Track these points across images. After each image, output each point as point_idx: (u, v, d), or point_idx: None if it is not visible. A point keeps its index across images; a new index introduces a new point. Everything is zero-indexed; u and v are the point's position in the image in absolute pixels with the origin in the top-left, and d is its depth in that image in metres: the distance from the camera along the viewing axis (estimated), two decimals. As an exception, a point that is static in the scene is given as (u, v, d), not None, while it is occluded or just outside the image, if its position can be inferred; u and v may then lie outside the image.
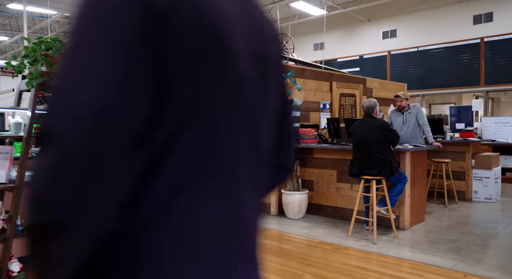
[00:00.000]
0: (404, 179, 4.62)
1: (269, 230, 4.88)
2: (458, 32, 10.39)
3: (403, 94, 5.68)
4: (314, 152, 5.71)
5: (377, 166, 4.33)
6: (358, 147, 4.50)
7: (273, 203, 5.70)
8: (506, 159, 8.77)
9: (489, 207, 6.16)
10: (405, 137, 5.69)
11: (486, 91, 10.11)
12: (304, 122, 6.12)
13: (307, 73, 6.18)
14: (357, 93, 7.25)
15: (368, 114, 4.51)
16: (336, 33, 13.10)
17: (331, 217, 5.53)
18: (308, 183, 5.79)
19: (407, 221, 4.86)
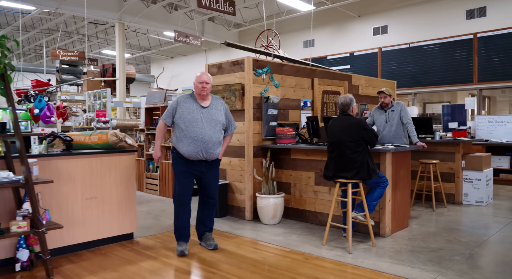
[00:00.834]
0: (384, 182, 4.24)
1: (240, 237, 4.51)
2: (450, 28, 10.02)
3: (387, 90, 5.31)
4: (291, 153, 5.34)
5: (352, 168, 3.96)
6: (332, 147, 4.13)
7: (247, 207, 5.33)
8: (500, 159, 8.42)
9: (480, 211, 5.79)
10: (388, 137, 5.33)
11: (479, 89, 9.74)
12: (282, 121, 5.75)
13: (286, 69, 5.81)
14: (342, 91, 6.88)
15: (343, 112, 4.14)
16: (326, 29, 12.72)
17: (309, 222, 5.16)
18: (285, 185, 5.42)
19: (388, 228, 4.49)
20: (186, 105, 3.84)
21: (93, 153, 4.15)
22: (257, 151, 5.39)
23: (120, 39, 12.16)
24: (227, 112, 4.01)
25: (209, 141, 3.78)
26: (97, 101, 9.87)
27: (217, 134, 3.84)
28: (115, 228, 4.30)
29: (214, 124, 3.84)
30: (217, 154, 3.90)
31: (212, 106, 3.89)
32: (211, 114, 3.84)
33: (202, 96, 3.87)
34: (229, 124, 4.03)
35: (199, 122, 3.78)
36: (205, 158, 3.84)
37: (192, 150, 3.77)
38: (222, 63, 5.69)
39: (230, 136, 4.11)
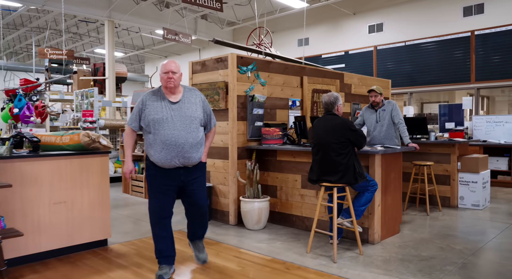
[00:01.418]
0: (373, 186, 3.98)
1: (221, 244, 4.25)
2: (447, 25, 9.75)
3: (377, 88, 5.05)
4: (277, 154, 5.08)
5: (337, 171, 3.70)
6: (317, 149, 3.87)
7: (231, 212, 5.07)
8: (498, 160, 8.15)
9: (476, 215, 5.53)
10: (379, 137, 5.07)
11: (477, 88, 9.48)
12: (269, 121, 5.49)
13: (274, 66, 5.54)
14: (333, 90, 6.61)
15: (328, 111, 3.87)
16: (320, 27, 12.46)
17: (295, 227, 4.90)
18: (271, 189, 5.16)
19: (378, 234, 4.23)
20: (152, 104, 3.18)
21: (62, 155, 3.89)
22: (241, 152, 5.13)
23: (110, 37, 11.89)
24: (205, 105, 3.35)
25: (185, 143, 3.13)
26: (85, 101, 9.62)
27: (194, 134, 3.19)
28: (87, 234, 4.04)
29: (189, 121, 3.16)
30: (197, 157, 3.26)
31: (184, 100, 3.22)
32: (183, 110, 3.17)
33: (170, 90, 3.20)
34: (208, 119, 3.38)
35: (169, 123, 3.11)
36: (183, 164, 3.20)
37: (165, 156, 3.13)
38: (205, 61, 5.43)
39: (212, 133, 3.47)
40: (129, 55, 19.61)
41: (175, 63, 3.22)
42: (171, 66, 3.16)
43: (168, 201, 3.28)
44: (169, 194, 3.26)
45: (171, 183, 3.25)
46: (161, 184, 3.24)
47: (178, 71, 3.19)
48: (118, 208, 6.15)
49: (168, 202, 3.28)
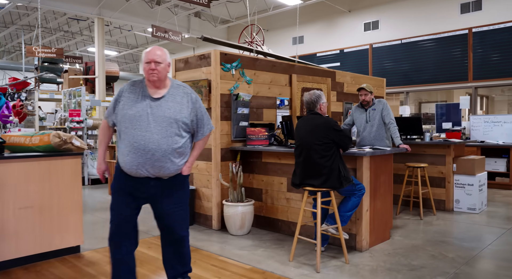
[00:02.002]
0: (360, 190, 3.74)
1: (200, 251, 4.01)
2: (444, 23, 9.49)
3: (367, 87, 4.80)
4: (262, 156, 4.84)
5: (321, 174, 3.45)
6: (299, 151, 3.62)
7: (214, 216, 4.83)
8: (496, 162, 7.91)
9: (472, 219, 5.29)
10: (368, 138, 4.83)
11: (474, 87, 9.23)
12: (255, 120, 5.25)
13: (260, 64, 5.30)
14: (324, 88, 6.37)
15: (310, 111, 3.63)
16: (315, 25, 12.21)
17: (281, 232, 4.66)
18: (256, 192, 4.92)
19: (366, 241, 3.98)
20: (129, 96, 2.60)
21: (29, 157, 3.65)
22: (225, 154, 4.89)
23: (100, 35, 11.65)
24: (197, 107, 2.68)
25: (157, 149, 2.51)
26: (72, 100, 9.39)
27: (170, 140, 2.54)
28: (57, 241, 3.80)
29: (167, 124, 2.54)
30: (174, 169, 2.59)
31: (168, 97, 2.59)
32: (162, 110, 2.55)
33: (153, 83, 2.59)
34: (200, 125, 2.71)
35: (143, 122, 2.52)
36: (153, 175, 2.57)
37: (130, 162, 2.54)
38: (188, 58, 5.19)
39: (203, 141, 2.79)
40: (123, 54, 19.37)
41: (161, 50, 2.60)
42: (154, 55, 2.55)
43: (126, 214, 2.65)
44: (129, 205, 2.64)
45: (138, 194, 2.63)
46: (122, 191, 2.64)
47: (164, 61, 2.57)
48: (100, 211, 5.91)
49: (126, 215, 2.65)
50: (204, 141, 2.80)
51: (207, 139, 2.84)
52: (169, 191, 2.65)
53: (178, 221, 2.69)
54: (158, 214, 2.70)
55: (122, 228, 2.65)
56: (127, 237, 2.67)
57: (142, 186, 2.61)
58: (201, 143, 2.79)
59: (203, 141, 2.80)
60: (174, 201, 2.67)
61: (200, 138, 2.76)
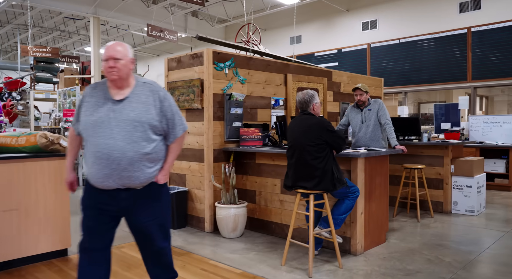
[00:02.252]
0: (355, 192, 3.64)
1: (191, 255, 3.91)
2: (443, 22, 9.38)
3: (363, 86, 4.70)
4: (256, 157, 4.74)
5: (313, 176, 3.35)
6: (291, 152, 3.52)
7: (207, 218, 4.72)
8: (495, 163, 7.80)
9: (470, 221, 5.18)
10: (364, 139, 4.72)
11: (473, 87, 9.12)
12: (249, 121, 5.15)
13: (254, 63, 5.20)
14: (321, 88, 6.27)
15: (303, 111, 3.53)
16: (313, 25, 12.10)
17: (274, 235, 4.56)
18: (250, 193, 4.82)
19: (360, 244, 3.88)
20: (91, 100, 2.33)
21: (14, 158, 3.56)
22: (218, 155, 4.79)
23: (95, 35, 11.55)
24: (166, 106, 2.37)
25: (122, 157, 2.22)
26: (67, 100, 9.29)
27: (137, 145, 2.25)
28: (43, 244, 3.70)
29: (131, 128, 2.24)
30: (144, 177, 2.31)
31: (131, 97, 2.29)
32: (126, 113, 2.26)
33: (114, 83, 2.30)
34: (171, 125, 2.40)
35: (105, 128, 2.24)
36: (123, 186, 2.29)
37: (95, 174, 2.27)
38: (181, 57, 5.09)
39: (177, 144, 2.47)
40: (121, 54, 19.26)
41: (122, 45, 2.31)
42: (113, 51, 2.26)
43: (98, 230, 2.38)
44: (101, 220, 2.37)
45: (108, 207, 2.34)
46: (92, 206, 2.37)
47: (125, 57, 2.27)
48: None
49: (98, 232, 2.38)
50: (178, 143, 2.47)
51: (182, 141, 2.51)
52: (144, 202, 2.36)
53: (156, 233, 2.40)
54: (134, 228, 2.41)
55: (94, 244, 2.39)
56: (99, 249, 2.41)
57: (112, 199, 2.32)
58: (175, 146, 2.46)
59: (177, 144, 2.47)
60: (151, 213, 2.37)
61: (173, 140, 2.44)
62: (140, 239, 2.45)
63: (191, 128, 4.91)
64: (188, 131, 4.93)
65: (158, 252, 2.46)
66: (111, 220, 2.39)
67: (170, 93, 5.11)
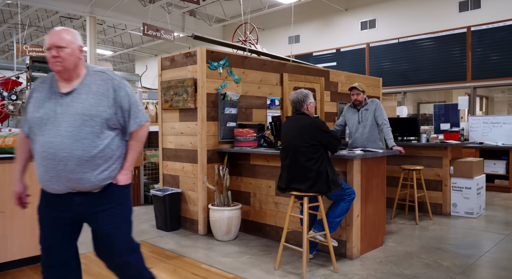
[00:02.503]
0: (350, 195, 3.54)
1: (182, 258, 3.80)
2: (442, 21, 9.28)
3: (359, 86, 4.60)
4: (251, 158, 4.64)
5: (307, 178, 3.25)
6: (285, 153, 3.42)
7: (200, 220, 4.63)
8: (495, 164, 7.70)
9: (469, 224, 5.08)
10: (361, 140, 4.62)
11: (473, 87, 9.02)
12: (244, 121, 5.05)
13: (249, 62, 5.10)
14: (318, 88, 6.17)
15: (297, 111, 3.43)
16: (311, 24, 12.00)
17: (269, 238, 4.45)
18: (244, 195, 4.72)
19: (356, 248, 3.78)
20: (38, 95, 2.08)
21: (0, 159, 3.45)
22: (212, 155, 4.69)
23: (92, 34, 11.45)
24: (122, 95, 2.09)
25: (69, 157, 1.96)
26: (62, 100, 9.19)
27: (86, 143, 1.99)
28: (30, 247, 3.59)
29: (80, 123, 1.99)
30: (96, 180, 2.03)
31: (80, 89, 2.04)
32: (74, 106, 2.00)
33: (60, 75, 2.05)
34: (126, 117, 2.12)
35: (51, 125, 2.00)
36: (73, 189, 2.03)
37: (42, 176, 2.04)
38: (174, 56, 4.99)
39: (136, 140, 2.18)
40: (119, 53, 19.17)
41: (67, 32, 2.03)
42: (56, 39, 2.00)
43: (59, 242, 2.13)
44: (60, 230, 2.12)
45: (62, 215, 2.09)
46: (48, 215, 2.12)
47: (70, 45, 2.01)
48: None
49: (60, 244, 2.13)
50: (137, 139, 2.17)
51: (143, 136, 2.19)
52: (103, 207, 2.09)
53: (118, 243, 2.11)
54: (95, 236, 2.13)
55: (50, 255, 2.14)
56: (58, 265, 2.15)
57: (65, 204, 2.06)
58: (134, 143, 2.17)
59: (136, 140, 2.17)
60: (110, 219, 2.10)
61: (131, 130, 2.15)
62: (100, 250, 2.15)
63: (184, 128, 4.81)
64: (183, 132, 4.84)
65: (125, 267, 2.17)
66: (69, 230, 2.13)
67: (164, 93, 5.02)
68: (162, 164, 5.21)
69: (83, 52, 2.12)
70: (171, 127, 5.04)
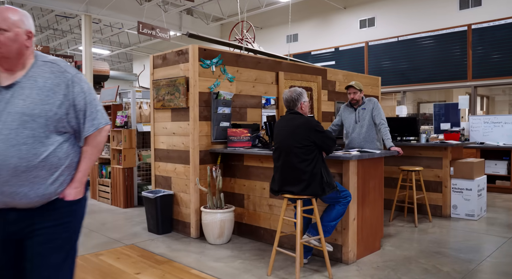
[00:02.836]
0: (346, 197, 3.39)
1: (172, 263, 3.67)
2: (442, 19, 9.14)
3: (356, 84, 4.46)
4: (244, 159, 4.50)
5: (301, 180, 3.11)
6: (278, 154, 3.28)
7: (193, 223, 4.49)
8: (496, 164, 7.55)
9: (470, 226, 4.94)
10: (358, 140, 4.48)
11: (474, 86, 8.87)
12: (238, 121, 4.91)
13: (244, 60, 4.96)
14: (315, 87, 6.03)
15: (290, 110, 3.28)
16: (310, 23, 11.86)
17: (263, 241, 4.31)
18: (238, 197, 4.58)
19: (353, 252, 3.64)
20: None
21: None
22: (204, 156, 4.55)
23: (87, 33, 11.30)
24: (75, 92, 1.73)
25: (3, 165, 1.60)
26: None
27: (24, 149, 1.62)
28: None
29: (19, 124, 1.62)
30: (36, 194, 1.66)
31: (24, 82, 1.68)
32: (14, 103, 1.64)
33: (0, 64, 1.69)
34: (81, 119, 1.76)
35: None
36: (6, 205, 1.67)
37: None
38: (166, 54, 4.85)
39: (93, 147, 1.81)
40: (117, 52, 19.04)
41: (15, 12, 1.68)
42: None
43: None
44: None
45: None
46: None
47: (12, 28, 1.65)
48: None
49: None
50: (94, 145, 1.80)
51: (101, 142, 1.83)
52: (43, 228, 1.71)
53: (56, 272, 1.74)
54: (27, 258, 1.72)
55: None
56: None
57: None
58: (90, 150, 1.80)
59: (92, 146, 1.80)
60: (47, 242, 1.71)
61: (86, 135, 1.77)
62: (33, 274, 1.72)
63: (176, 128, 4.67)
64: (175, 132, 4.70)
65: None
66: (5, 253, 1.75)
67: (155, 92, 4.88)
68: (154, 165, 5.07)
69: (32, 39, 1.74)
70: (163, 127, 4.90)
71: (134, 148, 6.33)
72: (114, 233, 4.74)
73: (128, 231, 4.84)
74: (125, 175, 6.25)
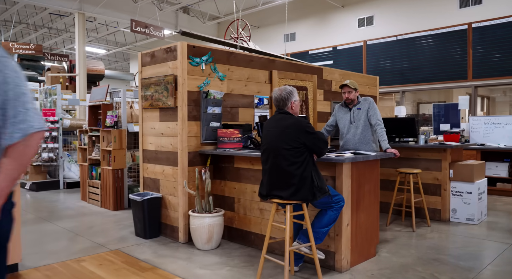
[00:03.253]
0: (339, 202, 3.21)
1: (156, 269, 3.48)
2: (442, 18, 8.96)
3: (351, 83, 4.27)
4: (235, 160, 4.31)
5: (290, 184, 2.93)
6: (266, 156, 3.10)
7: (181, 227, 4.31)
8: (497, 166, 7.36)
9: (470, 231, 4.75)
10: (353, 141, 4.30)
11: (474, 86, 8.69)
12: (230, 121, 4.73)
13: (235, 58, 4.78)
14: (310, 86, 5.85)
15: (279, 109, 3.10)
16: (307, 21, 11.68)
17: (254, 247, 4.13)
18: (228, 200, 4.40)
19: (346, 260, 3.45)
20: None
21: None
22: (193, 158, 4.37)
23: (81, 31, 11.12)
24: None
25: None
26: (48, 99, 8.87)
27: None
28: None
29: None
30: None
31: None
32: None
33: None
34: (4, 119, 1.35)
35: None
36: None
37: None
38: (155, 51, 4.67)
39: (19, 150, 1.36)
40: (113, 52, 18.86)
41: None
42: None
43: None
44: None
45: None
46: None
47: None
48: (63, 219, 5.38)
49: None
50: (16, 158, 1.37)
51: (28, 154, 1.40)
52: None
53: None
54: None
55: None
56: None
57: None
58: (11, 164, 1.36)
59: (15, 159, 1.36)
60: None
61: (8, 143, 1.35)
62: None
63: (164, 129, 4.49)
64: (163, 133, 4.51)
65: None
66: None
67: (143, 91, 4.71)
68: (143, 167, 4.89)
69: None
70: (152, 127, 4.72)
71: (125, 149, 6.15)
72: (100, 237, 4.55)
73: (114, 235, 4.66)
74: (115, 177, 6.07)
